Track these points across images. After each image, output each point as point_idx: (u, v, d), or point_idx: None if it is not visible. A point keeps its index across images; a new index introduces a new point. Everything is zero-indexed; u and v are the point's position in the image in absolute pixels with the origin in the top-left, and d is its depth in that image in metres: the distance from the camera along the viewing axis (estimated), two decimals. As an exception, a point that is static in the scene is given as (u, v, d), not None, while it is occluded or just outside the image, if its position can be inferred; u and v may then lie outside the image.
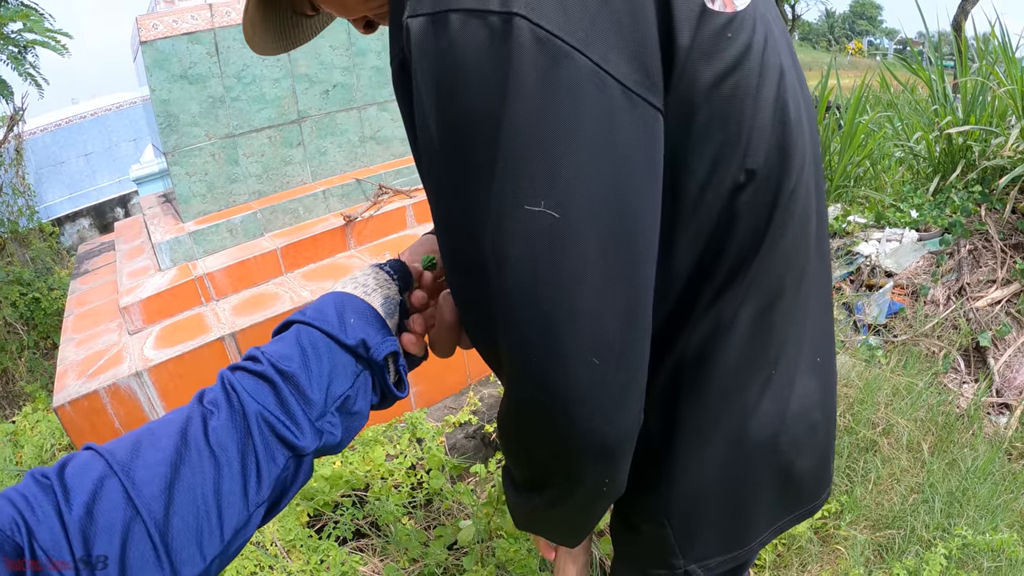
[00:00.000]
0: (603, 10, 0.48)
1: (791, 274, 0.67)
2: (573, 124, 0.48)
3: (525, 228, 0.49)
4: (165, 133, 2.22)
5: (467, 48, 0.47)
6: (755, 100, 0.57)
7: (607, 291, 0.52)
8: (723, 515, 0.75)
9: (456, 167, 0.52)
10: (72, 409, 1.76)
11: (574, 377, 0.53)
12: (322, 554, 1.75)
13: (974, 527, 1.81)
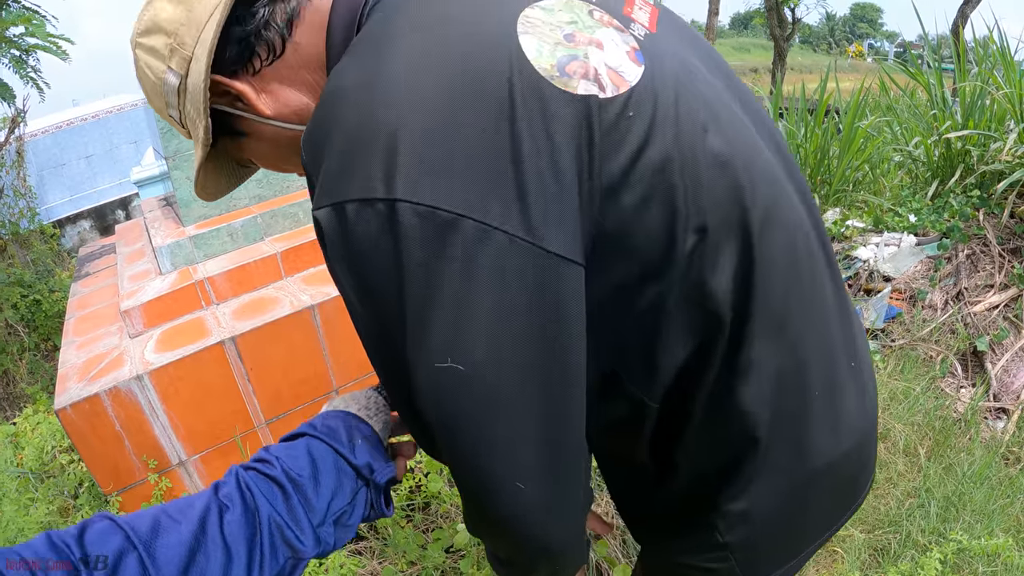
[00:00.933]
0: (484, 167, 0.52)
1: (795, 297, 0.67)
2: (465, 286, 0.53)
3: (437, 381, 0.56)
4: (166, 138, 2.23)
5: (363, 232, 0.54)
6: (680, 160, 0.57)
7: (519, 424, 0.58)
8: (783, 536, 0.79)
9: (374, 329, 0.61)
10: (73, 412, 1.77)
11: (505, 500, 0.60)
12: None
13: (970, 532, 1.82)
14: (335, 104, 0.56)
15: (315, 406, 2.14)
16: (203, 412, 1.94)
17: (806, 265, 0.69)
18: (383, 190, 0.52)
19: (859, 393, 0.77)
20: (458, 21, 0.57)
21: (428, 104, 0.53)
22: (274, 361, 1.99)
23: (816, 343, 0.70)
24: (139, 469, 1.91)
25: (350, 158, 0.54)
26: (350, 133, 0.54)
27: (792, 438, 0.71)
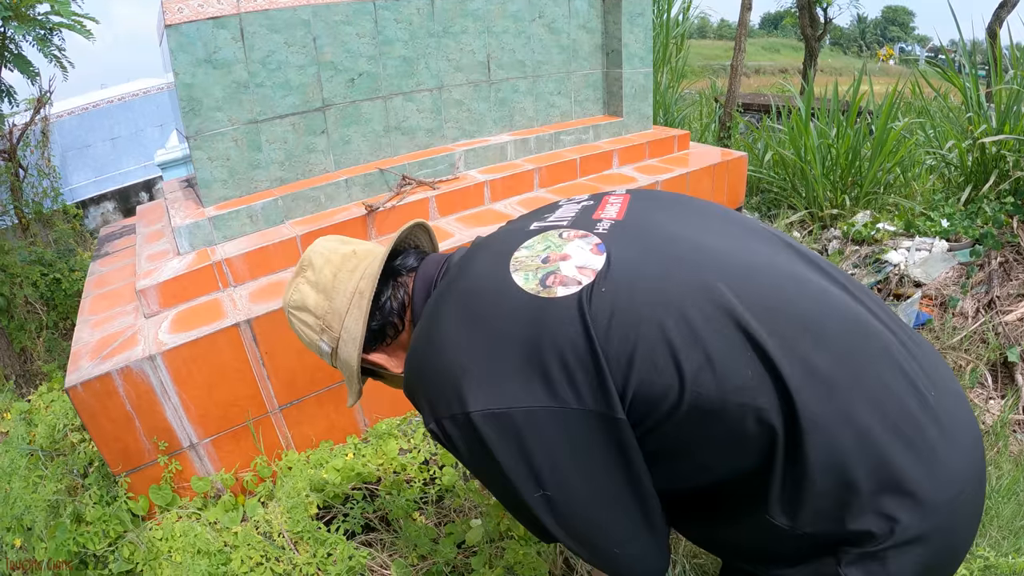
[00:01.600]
0: (517, 367, 0.78)
1: (832, 364, 0.77)
2: (537, 452, 0.79)
3: (542, 504, 0.82)
4: (188, 117, 2.21)
5: (456, 435, 0.83)
6: (638, 319, 0.77)
7: (601, 518, 0.84)
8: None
9: (502, 496, 0.92)
10: (84, 390, 1.75)
11: (608, 561, 0.88)
12: (329, 547, 1.74)
13: (996, 548, 1.76)
14: (411, 362, 0.92)
15: (330, 393, 2.11)
16: (216, 395, 1.92)
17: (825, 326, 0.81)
18: (457, 406, 0.81)
19: (954, 422, 0.81)
20: (477, 290, 0.87)
21: (479, 356, 0.81)
22: (290, 345, 1.97)
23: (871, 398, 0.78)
24: (149, 451, 1.89)
25: (437, 396, 0.85)
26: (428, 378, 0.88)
27: (920, 461, 0.76)
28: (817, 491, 0.76)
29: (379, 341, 1.02)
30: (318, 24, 2.36)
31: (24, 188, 5.47)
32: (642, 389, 0.76)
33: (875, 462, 0.75)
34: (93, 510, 1.90)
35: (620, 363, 0.76)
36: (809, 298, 0.82)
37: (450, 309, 0.87)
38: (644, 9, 3.23)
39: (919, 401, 0.78)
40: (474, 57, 2.85)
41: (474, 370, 0.80)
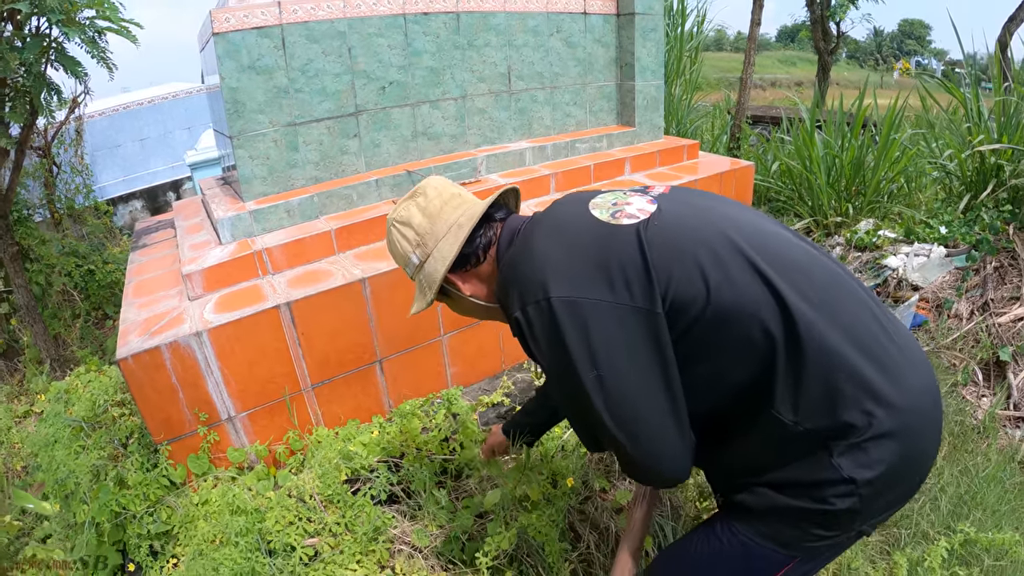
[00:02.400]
0: (591, 271, 1.05)
1: (815, 292, 1.02)
2: (597, 337, 1.02)
3: (595, 386, 1.04)
4: (232, 118, 2.39)
5: (536, 319, 1.07)
6: (676, 240, 1.06)
7: (640, 406, 1.05)
8: (903, 472, 1.04)
9: (561, 378, 1.11)
10: (134, 362, 1.90)
11: (644, 455, 1.07)
12: (357, 510, 1.89)
13: (979, 527, 1.88)
14: (510, 267, 1.18)
15: (357, 375, 2.27)
16: (255, 371, 2.08)
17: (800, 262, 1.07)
18: (541, 294, 1.06)
19: (905, 343, 1.07)
20: (564, 219, 1.17)
21: (562, 262, 1.08)
22: (324, 328, 2.13)
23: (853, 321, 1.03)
24: (189, 421, 2.05)
25: (525, 287, 1.10)
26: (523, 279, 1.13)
27: (886, 375, 1.00)
28: (812, 388, 1.00)
29: (461, 266, 1.27)
30: (353, 36, 2.55)
31: (57, 184, 5.71)
32: (678, 296, 1.02)
33: (851, 372, 0.99)
34: (135, 475, 2.06)
35: (663, 276, 1.02)
36: (802, 253, 1.09)
37: (542, 230, 1.16)
38: (656, 25, 3.39)
39: (884, 336, 1.04)
40: (496, 69, 3.02)
41: (558, 269, 1.07)
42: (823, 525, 1.05)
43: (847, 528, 1.05)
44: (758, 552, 1.11)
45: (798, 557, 1.10)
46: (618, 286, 1.03)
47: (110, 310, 4.49)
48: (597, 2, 3.31)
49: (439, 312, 2.39)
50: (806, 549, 1.09)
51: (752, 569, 1.14)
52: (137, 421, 2.44)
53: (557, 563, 1.78)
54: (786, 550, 1.09)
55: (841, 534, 1.06)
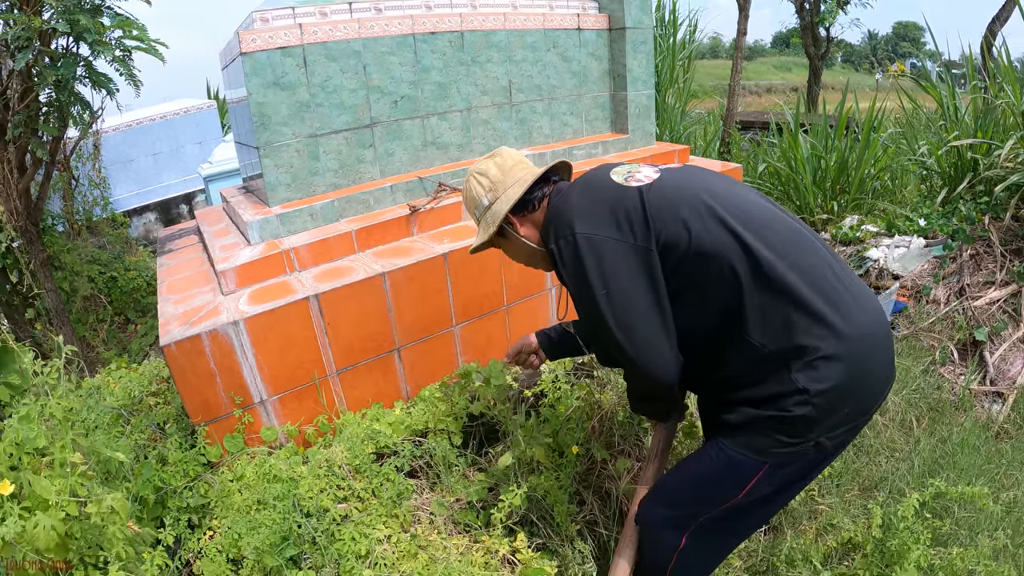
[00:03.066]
0: (606, 217, 1.43)
1: (775, 239, 1.35)
2: (607, 263, 1.39)
3: (605, 300, 1.39)
4: (259, 130, 2.60)
5: (565, 248, 1.46)
6: (673, 199, 1.42)
7: (639, 318, 1.38)
8: (853, 388, 1.30)
9: (581, 295, 1.47)
10: (176, 348, 2.10)
11: (642, 360, 1.40)
12: (382, 478, 2.09)
13: (950, 483, 2.06)
14: (551, 213, 1.59)
15: (378, 362, 2.47)
16: (286, 358, 2.28)
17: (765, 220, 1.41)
18: (569, 231, 1.45)
19: (858, 292, 1.36)
20: (592, 181, 1.56)
21: (586, 209, 1.47)
22: (349, 318, 2.34)
23: (816, 272, 1.34)
24: (226, 404, 2.24)
25: (559, 226, 1.50)
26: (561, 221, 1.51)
27: (835, 309, 1.29)
28: (774, 317, 1.31)
29: (520, 210, 1.67)
30: (367, 54, 2.77)
31: (75, 197, 5.93)
32: (668, 239, 1.37)
33: (805, 304, 1.29)
34: (174, 454, 2.24)
35: (657, 224, 1.38)
36: (768, 213, 1.42)
37: (576, 189, 1.57)
38: (646, 38, 3.62)
39: (836, 280, 1.34)
40: (498, 82, 3.24)
41: (582, 214, 1.46)
42: (785, 432, 1.32)
43: (805, 435, 1.31)
44: (738, 459, 1.40)
45: (768, 463, 1.37)
46: (624, 229, 1.39)
47: (132, 315, 4.71)
48: (590, 18, 3.53)
49: (451, 303, 2.59)
50: (775, 455, 1.36)
51: (734, 475, 1.43)
52: (172, 409, 2.62)
53: (565, 522, 1.97)
54: (759, 456, 1.37)
55: (802, 442, 1.32)
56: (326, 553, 1.89)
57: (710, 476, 1.49)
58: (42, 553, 1.32)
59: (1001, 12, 7.06)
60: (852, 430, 1.39)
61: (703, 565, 1.72)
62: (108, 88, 3.45)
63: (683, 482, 1.60)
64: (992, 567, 1.66)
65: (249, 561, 1.89)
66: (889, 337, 1.39)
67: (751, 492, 1.44)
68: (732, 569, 1.92)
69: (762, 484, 1.43)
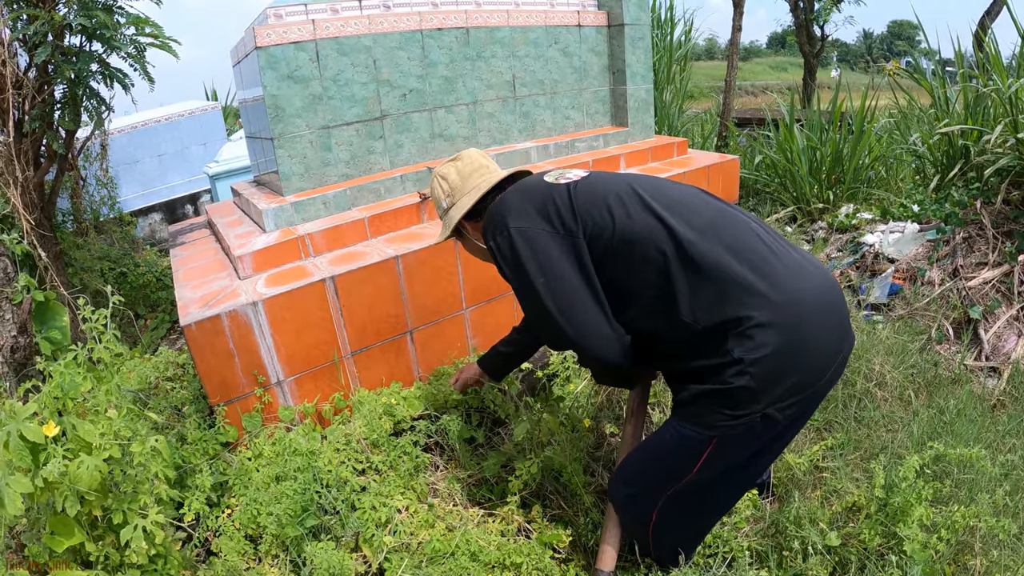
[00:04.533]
0: (537, 212, 1.55)
1: (693, 216, 1.45)
2: (540, 253, 1.51)
3: (544, 288, 1.50)
4: (273, 122, 2.68)
5: (502, 243, 1.58)
6: (591, 194, 1.54)
7: (578, 304, 1.49)
8: (790, 358, 1.32)
9: (521, 286, 1.57)
10: (197, 329, 2.16)
11: (587, 344, 1.51)
12: (399, 451, 2.16)
13: (948, 445, 2.13)
14: (488, 215, 1.69)
15: (391, 344, 2.55)
16: (302, 339, 2.36)
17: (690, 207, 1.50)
18: (504, 226, 1.57)
19: (793, 261, 1.39)
20: (526, 184, 1.70)
21: (519, 207, 1.60)
22: (363, 300, 2.42)
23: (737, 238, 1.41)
24: (243, 385, 2.31)
25: (496, 224, 1.61)
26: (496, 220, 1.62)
27: (764, 278, 1.33)
28: (703, 292, 1.35)
29: (473, 217, 1.77)
30: (377, 49, 2.86)
31: (83, 196, 6.00)
32: (594, 226, 1.47)
33: (733, 277, 1.34)
34: (194, 433, 2.31)
35: (583, 214, 1.49)
36: (693, 198, 1.51)
37: (512, 191, 1.68)
38: (644, 34, 3.72)
39: (767, 252, 1.38)
40: (502, 77, 3.34)
41: (515, 210, 1.58)
42: (728, 404, 1.36)
43: (749, 407, 1.35)
44: (687, 434, 1.45)
45: (716, 437, 1.41)
46: (554, 221, 1.51)
47: (142, 310, 4.76)
48: (590, 15, 3.63)
49: (461, 287, 2.67)
50: (721, 428, 1.39)
51: (686, 450, 1.47)
52: (188, 393, 2.69)
53: (581, 491, 2.05)
54: (708, 431, 1.41)
55: (747, 414, 1.35)
56: (347, 521, 1.96)
57: (664, 452, 1.54)
58: (84, 494, 1.39)
59: (992, 7, 7.19)
60: (805, 400, 1.38)
61: (686, 537, 1.77)
62: (123, 83, 3.53)
63: (641, 460, 1.66)
64: (992, 522, 1.73)
65: (268, 536, 1.95)
66: (835, 305, 1.40)
67: (705, 467, 1.47)
68: (741, 534, 1.99)
69: (714, 459, 1.45)
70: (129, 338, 4.43)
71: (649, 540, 1.73)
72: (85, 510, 1.42)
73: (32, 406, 1.36)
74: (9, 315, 2.24)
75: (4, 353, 2.25)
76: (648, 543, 1.74)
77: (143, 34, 3.49)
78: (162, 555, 1.55)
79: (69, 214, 5.59)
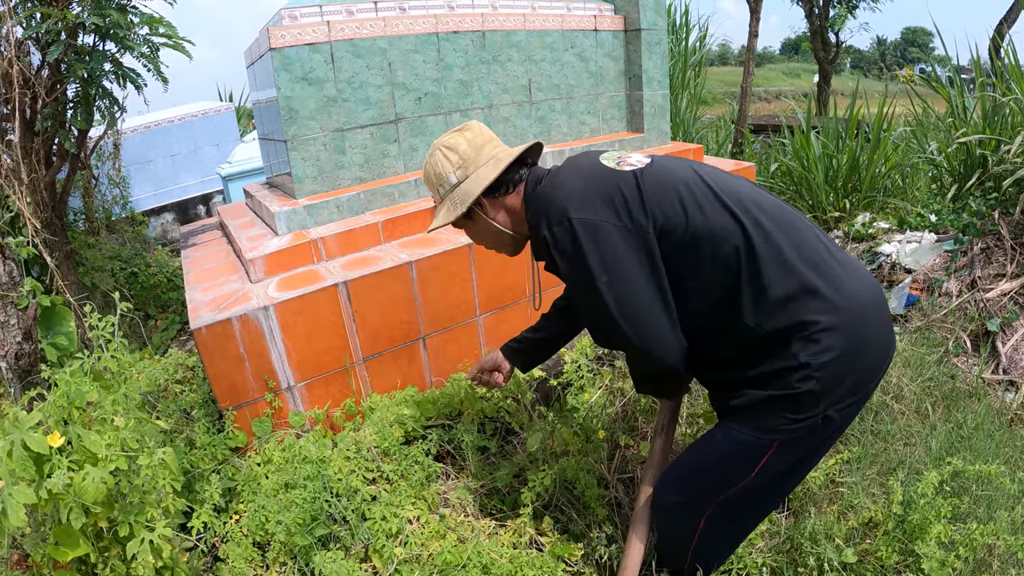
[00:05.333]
0: (601, 201, 1.39)
1: (768, 219, 1.37)
2: (605, 248, 1.37)
3: (607, 287, 1.37)
4: (287, 124, 2.68)
5: (561, 235, 1.41)
6: (661, 182, 1.42)
7: (642, 304, 1.38)
8: (850, 361, 1.32)
9: (580, 282, 1.44)
10: (207, 332, 2.15)
11: (647, 344, 1.40)
12: (411, 460, 2.14)
13: (967, 461, 2.09)
14: (540, 198, 1.51)
15: (403, 350, 2.53)
16: (314, 344, 2.34)
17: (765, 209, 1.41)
18: (565, 216, 1.39)
19: (850, 265, 1.39)
20: (582, 165, 1.51)
21: (580, 194, 1.42)
22: (376, 306, 2.40)
23: (812, 252, 1.37)
24: (253, 389, 2.30)
25: (553, 212, 1.43)
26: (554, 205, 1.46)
27: (827, 281, 1.32)
28: (770, 293, 1.31)
29: (492, 192, 1.59)
30: (393, 52, 2.84)
31: (96, 196, 6.02)
32: (666, 222, 1.36)
33: (800, 280, 1.31)
34: (202, 438, 2.29)
35: (653, 207, 1.37)
36: (761, 195, 1.43)
37: (565, 173, 1.51)
38: (660, 39, 3.69)
39: (829, 256, 1.36)
40: (518, 81, 3.32)
41: (576, 198, 1.41)
42: (792, 409, 1.34)
43: (812, 410, 1.34)
44: (746, 440, 1.42)
45: (777, 441, 1.39)
46: (622, 214, 1.37)
47: (152, 310, 4.77)
48: (606, 19, 3.61)
49: (475, 293, 2.65)
50: (784, 432, 1.37)
51: (745, 456, 1.44)
52: (198, 396, 2.68)
53: (594, 504, 2.02)
54: (767, 435, 1.39)
55: (808, 417, 1.34)
56: (357, 531, 1.94)
57: (720, 460, 1.49)
58: (89, 507, 1.37)
59: (1009, 14, 7.11)
60: (859, 400, 1.40)
61: (726, 544, 1.74)
62: (136, 83, 3.53)
63: (693, 468, 1.58)
64: (1011, 541, 1.70)
65: (276, 543, 1.93)
66: (885, 306, 1.41)
67: (763, 471, 1.44)
68: (756, 550, 1.96)
69: (774, 462, 1.43)
70: (139, 339, 4.44)
71: (690, 548, 1.67)
72: (90, 521, 1.40)
73: (37, 415, 1.34)
74: (14, 320, 2.23)
75: (8, 360, 2.24)
76: (686, 553, 1.69)
77: (157, 34, 3.49)
78: (169, 567, 1.53)
79: (81, 213, 5.60)
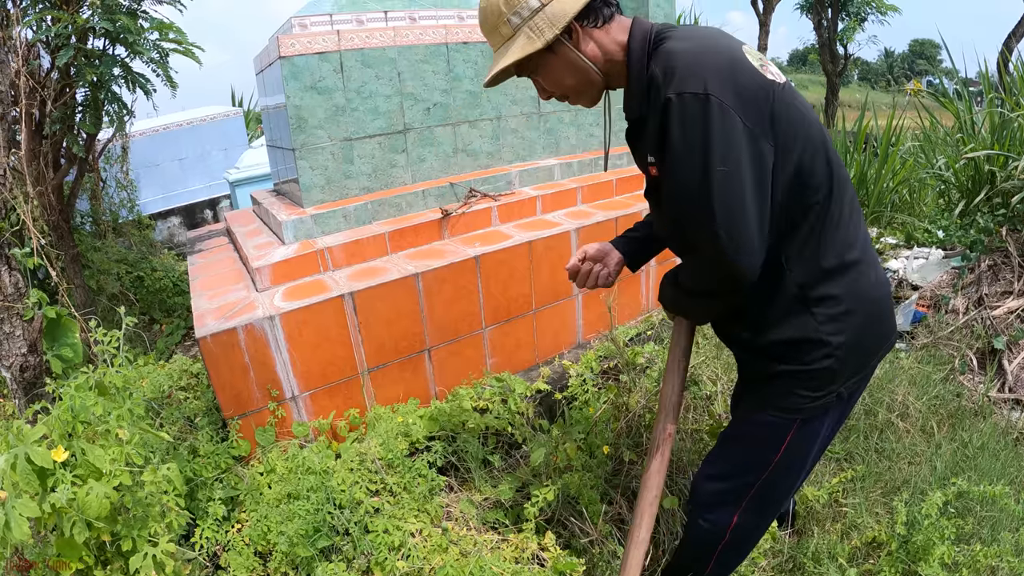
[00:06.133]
0: (741, 94, 1.24)
1: (844, 180, 1.44)
2: (732, 138, 1.22)
3: (719, 177, 1.23)
4: (295, 132, 2.68)
5: (690, 106, 1.23)
6: (790, 108, 1.32)
7: (744, 206, 1.25)
8: (865, 341, 1.41)
9: (693, 164, 1.26)
10: (212, 341, 2.15)
11: (735, 245, 1.26)
12: (414, 473, 2.14)
13: (971, 482, 2.08)
14: (676, 55, 1.28)
15: (408, 361, 2.53)
16: (319, 354, 2.34)
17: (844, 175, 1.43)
18: (702, 89, 1.22)
19: (878, 260, 1.48)
20: (727, 55, 1.30)
21: (724, 75, 1.25)
22: (382, 317, 2.40)
23: (860, 231, 1.44)
24: (258, 398, 2.30)
25: (690, 78, 1.24)
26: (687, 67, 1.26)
27: (869, 264, 1.41)
28: (820, 261, 1.36)
29: (584, 17, 1.36)
30: (402, 62, 2.85)
31: (103, 199, 6.05)
32: (783, 145, 1.29)
33: (847, 257, 1.37)
34: (206, 446, 2.29)
35: (779, 125, 1.28)
36: (845, 169, 1.44)
37: (706, 40, 1.33)
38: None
39: (870, 245, 1.46)
40: (527, 93, 3.32)
41: (722, 77, 1.24)
42: (809, 386, 1.40)
43: (827, 388, 1.40)
44: (770, 421, 1.48)
45: (798, 418, 1.45)
46: (756, 118, 1.25)
47: (157, 315, 4.78)
48: (616, 29, 3.61)
49: (481, 306, 2.65)
50: (804, 410, 1.43)
51: (772, 437, 1.49)
52: (202, 404, 2.68)
53: (597, 519, 2.01)
54: (789, 415, 1.45)
55: (824, 395, 1.41)
56: (359, 544, 1.94)
57: (751, 444, 1.54)
58: (93, 522, 1.37)
59: (1017, 28, 7.10)
60: (864, 379, 1.49)
61: (751, 541, 1.74)
62: (145, 88, 3.55)
63: (726, 454, 1.62)
64: (1015, 563, 1.69)
65: (278, 554, 1.93)
66: (891, 296, 1.54)
67: (788, 450, 1.50)
68: (759, 569, 1.95)
69: (797, 441, 1.48)
70: (143, 344, 4.45)
71: (717, 551, 1.67)
72: (93, 535, 1.40)
73: (41, 429, 1.34)
74: (19, 332, 2.23)
75: (13, 372, 2.24)
76: (712, 555, 1.69)
77: (166, 39, 3.52)
78: (171, 579, 1.53)
79: (88, 216, 5.63)
